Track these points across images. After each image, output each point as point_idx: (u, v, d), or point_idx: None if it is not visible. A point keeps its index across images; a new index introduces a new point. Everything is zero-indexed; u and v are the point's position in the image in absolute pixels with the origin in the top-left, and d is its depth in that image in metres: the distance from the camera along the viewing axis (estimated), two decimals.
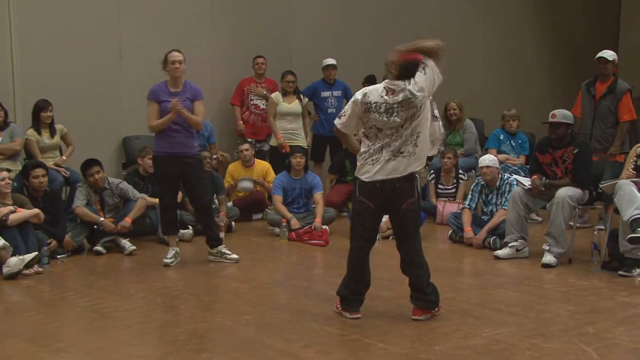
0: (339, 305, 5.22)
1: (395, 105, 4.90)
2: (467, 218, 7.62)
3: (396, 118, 4.89)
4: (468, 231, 7.51)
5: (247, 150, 8.99)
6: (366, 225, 5.07)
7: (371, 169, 4.94)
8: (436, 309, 5.16)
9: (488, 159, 7.72)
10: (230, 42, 10.05)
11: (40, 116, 7.84)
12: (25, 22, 8.36)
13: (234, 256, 6.83)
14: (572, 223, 6.92)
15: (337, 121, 5.17)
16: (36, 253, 6.40)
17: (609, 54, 7.96)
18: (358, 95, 5.03)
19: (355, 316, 5.09)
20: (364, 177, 4.96)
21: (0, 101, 7.75)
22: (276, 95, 9.47)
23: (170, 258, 6.70)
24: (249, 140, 9.58)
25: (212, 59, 9.92)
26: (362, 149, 5.03)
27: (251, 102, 9.73)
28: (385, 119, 4.90)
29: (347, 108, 5.10)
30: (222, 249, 6.86)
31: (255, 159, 9.15)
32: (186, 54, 9.53)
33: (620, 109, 7.90)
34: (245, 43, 10.02)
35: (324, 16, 10.85)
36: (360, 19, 11.23)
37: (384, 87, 4.97)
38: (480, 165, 7.78)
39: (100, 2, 8.96)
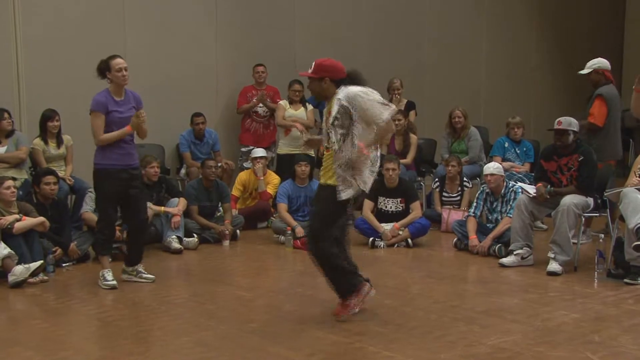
0: (361, 298, 5.26)
1: None
2: (472, 226, 7.60)
3: None
4: (473, 239, 7.50)
5: (259, 162, 8.88)
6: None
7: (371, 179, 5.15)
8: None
9: (492, 167, 7.72)
10: (235, 50, 10.08)
11: (47, 126, 7.85)
12: (31, 31, 8.40)
13: (150, 276, 6.49)
14: (575, 241, 6.89)
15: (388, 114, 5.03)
16: (41, 261, 6.41)
17: (587, 66, 7.99)
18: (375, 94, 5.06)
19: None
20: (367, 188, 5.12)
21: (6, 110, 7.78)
22: (284, 102, 9.52)
23: (113, 279, 6.25)
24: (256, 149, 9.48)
25: (216, 66, 9.97)
26: (363, 157, 5.08)
27: (252, 110, 9.74)
28: None
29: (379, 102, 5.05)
30: (139, 267, 6.51)
31: (268, 170, 9.13)
32: (191, 61, 9.72)
33: (591, 111, 7.92)
34: (249, 50, 10.05)
35: (327, 23, 10.89)
36: (364, 26, 11.26)
37: None
38: (484, 173, 7.77)
39: (105, 11, 9.00)
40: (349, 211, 5.22)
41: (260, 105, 9.71)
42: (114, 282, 6.24)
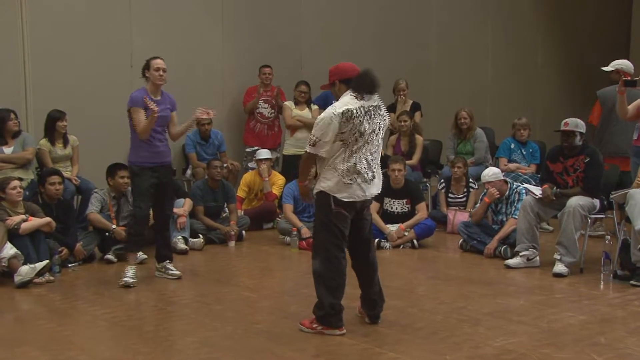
0: (316, 326, 4.99)
1: (371, 109, 4.93)
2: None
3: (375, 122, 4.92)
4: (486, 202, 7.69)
5: (264, 163, 8.92)
6: (345, 232, 4.99)
7: (360, 187, 4.90)
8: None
9: (488, 175, 7.66)
10: (241, 51, 10.10)
11: (56, 126, 7.87)
12: (38, 32, 8.43)
13: (176, 272, 6.62)
14: (583, 232, 6.90)
15: (312, 149, 4.86)
16: (47, 261, 6.43)
17: (611, 64, 8.04)
18: (333, 111, 4.84)
19: (344, 331, 4.97)
20: (350, 198, 4.89)
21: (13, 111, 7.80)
22: (289, 103, 9.54)
23: (133, 277, 6.32)
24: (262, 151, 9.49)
25: (222, 67, 9.98)
26: (337, 162, 4.87)
27: (257, 111, 9.75)
28: (366, 122, 4.86)
29: (323, 131, 4.82)
30: (167, 264, 6.67)
31: (273, 171, 9.15)
32: (197, 62, 9.73)
33: None
34: (255, 52, 10.06)
35: (332, 25, 10.89)
36: (369, 27, 11.26)
37: (351, 95, 4.92)
38: (482, 182, 7.77)
39: (112, 12, 9.03)
40: (342, 214, 4.91)
41: (265, 106, 9.72)
42: (131, 281, 6.27)
